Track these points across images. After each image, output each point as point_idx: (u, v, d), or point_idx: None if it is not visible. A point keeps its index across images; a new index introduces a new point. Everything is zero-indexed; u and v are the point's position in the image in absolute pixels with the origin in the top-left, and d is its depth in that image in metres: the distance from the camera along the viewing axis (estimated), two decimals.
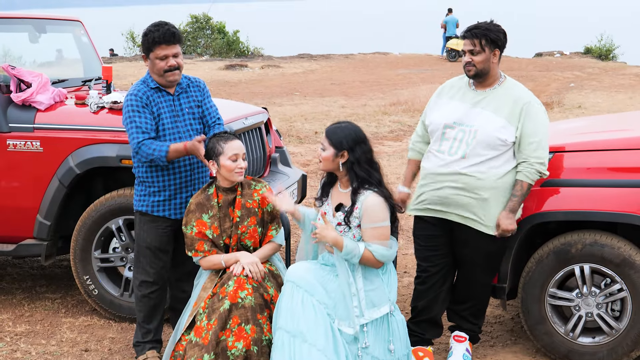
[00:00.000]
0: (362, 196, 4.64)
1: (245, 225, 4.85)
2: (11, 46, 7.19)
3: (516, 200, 4.84)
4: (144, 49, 5.06)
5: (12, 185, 6.03)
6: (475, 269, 5.06)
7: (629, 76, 27.28)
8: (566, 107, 18.62)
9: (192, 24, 39.50)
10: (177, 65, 5.01)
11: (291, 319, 4.43)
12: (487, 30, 4.92)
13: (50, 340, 5.68)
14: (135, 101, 4.96)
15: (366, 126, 15.86)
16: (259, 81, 26.75)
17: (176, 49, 5.02)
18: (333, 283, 4.58)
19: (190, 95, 5.18)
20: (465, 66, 4.97)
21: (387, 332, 4.68)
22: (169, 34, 4.96)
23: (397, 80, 26.57)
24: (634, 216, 4.79)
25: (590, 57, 36.71)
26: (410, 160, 5.36)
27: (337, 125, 4.79)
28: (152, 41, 4.96)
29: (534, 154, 4.81)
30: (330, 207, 4.78)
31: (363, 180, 4.66)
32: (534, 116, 4.86)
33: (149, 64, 5.06)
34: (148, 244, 5.09)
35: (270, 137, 7.17)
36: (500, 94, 4.95)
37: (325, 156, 4.70)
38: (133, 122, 4.91)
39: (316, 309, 4.46)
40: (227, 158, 4.75)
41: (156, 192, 5.04)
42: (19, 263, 7.53)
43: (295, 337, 4.40)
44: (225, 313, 4.54)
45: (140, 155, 4.88)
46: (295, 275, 4.56)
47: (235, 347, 4.50)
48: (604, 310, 4.97)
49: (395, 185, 5.32)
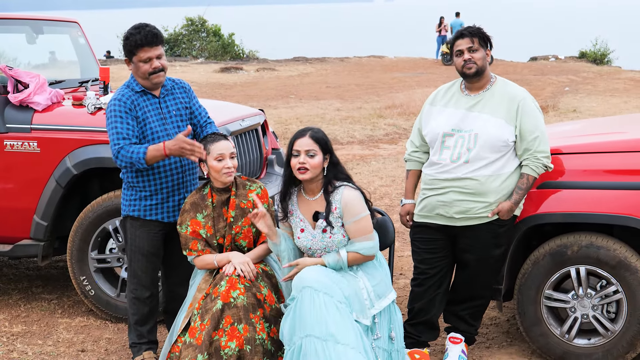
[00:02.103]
0: (336, 194, 4.61)
1: (239, 225, 4.85)
2: (8, 47, 7.19)
3: (521, 194, 4.87)
4: (126, 52, 4.97)
5: (9, 185, 6.03)
6: (478, 272, 5.07)
7: (624, 80, 27.33)
8: (561, 111, 18.65)
9: (188, 26, 39.46)
10: (161, 67, 4.93)
11: (318, 323, 4.34)
12: (479, 30, 5.01)
13: (46, 341, 5.68)
14: (119, 106, 4.87)
15: (361, 129, 15.86)
16: (254, 84, 26.74)
17: (159, 51, 4.94)
18: (343, 283, 4.56)
19: (176, 96, 5.13)
20: (464, 65, 4.95)
21: (389, 321, 4.70)
22: (150, 35, 4.88)
23: (393, 83, 26.58)
24: (630, 218, 4.80)
25: (585, 61, 36.74)
26: (410, 171, 5.32)
27: (310, 129, 4.70)
28: (135, 44, 4.88)
29: (539, 148, 4.84)
30: (306, 221, 4.71)
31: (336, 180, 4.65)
32: (530, 112, 4.89)
33: (133, 68, 4.98)
34: (140, 248, 5.07)
35: (267, 138, 7.18)
36: (494, 95, 4.97)
37: (316, 163, 4.59)
38: (114, 129, 4.81)
39: (339, 309, 4.40)
40: (213, 159, 4.76)
41: (148, 196, 5.01)
42: (15, 264, 7.52)
43: (326, 341, 4.31)
44: (217, 313, 4.54)
45: (120, 160, 4.79)
46: (311, 280, 4.45)
47: (228, 346, 4.50)
48: (599, 312, 4.98)
49: (391, 187, 5.32)
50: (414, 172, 5.31)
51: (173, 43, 38.83)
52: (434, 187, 4.99)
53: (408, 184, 5.33)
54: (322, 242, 4.66)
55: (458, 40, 5.00)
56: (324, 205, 4.65)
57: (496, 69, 29.50)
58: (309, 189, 4.71)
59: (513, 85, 5.06)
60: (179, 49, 38.40)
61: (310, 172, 4.58)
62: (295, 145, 4.62)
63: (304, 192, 4.74)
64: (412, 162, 5.30)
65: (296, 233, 4.74)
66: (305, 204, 4.73)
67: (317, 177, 4.65)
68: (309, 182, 4.67)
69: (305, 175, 4.59)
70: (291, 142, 4.66)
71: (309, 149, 4.59)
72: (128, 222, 5.10)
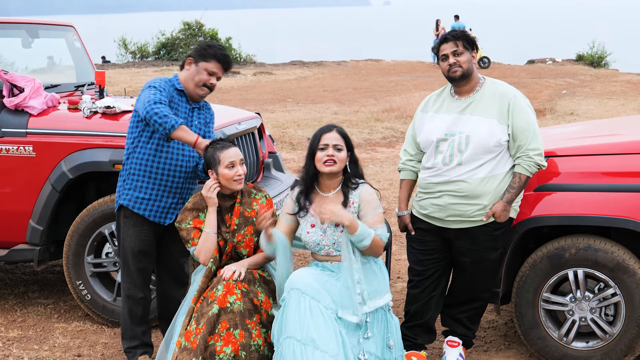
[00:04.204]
0: (356, 190, 4.70)
1: (242, 234, 4.83)
2: (4, 51, 7.17)
3: (513, 192, 4.85)
4: (198, 55, 5.05)
5: (5, 190, 6.02)
6: (475, 275, 5.05)
7: (621, 83, 27.37)
8: (558, 113, 18.66)
9: (185, 30, 39.43)
10: (212, 87, 5.08)
11: (300, 327, 4.36)
12: (463, 33, 5.02)
13: (42, 346, 5.65)
14: (160, 86, 4.94)
15: (359, 132, 15.87)
16: (251, 88, 26.75)
17: (221, 74, 5.11)
18: (335, 287, 4.56)
19: (202, 113, 5.22)
20: (450, 69, 4.94)
21: (386, 329, 4.67)
22: (228, 60, 5.11)
23: (390, 87, 26.58)
24: (628, 220, 4.79)
25: (582, 64, 36.81)
26: (404, 180, 5.30)
27: (335, 126, 4.80)
28: (213, 55, 5.03)
29: (531, 146, 4.82)
30: (317, 216, 4.70)
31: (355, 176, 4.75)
32: (521, 109, 4.88)
33: (192, 70, 5.05)
34: (131, 248, 5.06)
35: (264, 142, 7.17)
36: (484, 96, 4.96)
37: (343, 157, 4.70)
38: (153, 95, 4.79)
39: (324, 315, 4.41)
40: (224, 167, 4.74)
41: (142, 187, 4.99)
42: (11, 268, 7.50)
43: (306, 345, 4.32)
44: (213, 317, 4.52)
45: (154, 112, 4.68)
46: (299, 282, 4.49)
47: (223, 351, 4.48)
48: (597, 315, 4.97)
49: (389, 191, 5.30)
50: (407, 181, 5.29)
51: (170, 47, 38.82)
52: (429, 190, 4.99)
53: (402, 194, 5.30)
54: (332, 237, 4.68)
55: (442, 45, 5.00)
56: (339, 201, 4.69)
57: (493, 72, 29.54)
58: (326, 185, 4.77)
59: (503, 84, 5.05)
60: (176, 53, 38.35)
61: (337, 165, 4.67)
62: (323, 139, 4.70)
63: (319, 188, 4.79)
64: (406, 172, 5.28)
65: (305, 228, 4.75)
66: (319, 200, 4.76)
67: (338, 173, 4.73)
68: (329, 178, 4.73)
69: (333, 167, 4.67)
70: (317, 136, 4.74)
71: (336, 142, 4.69)
72: (121, 220, 5.09)
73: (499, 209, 4.84)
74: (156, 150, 4.97)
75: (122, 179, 5.09)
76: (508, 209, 4.87)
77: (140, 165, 4.99)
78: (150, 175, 4.99)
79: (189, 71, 5.07)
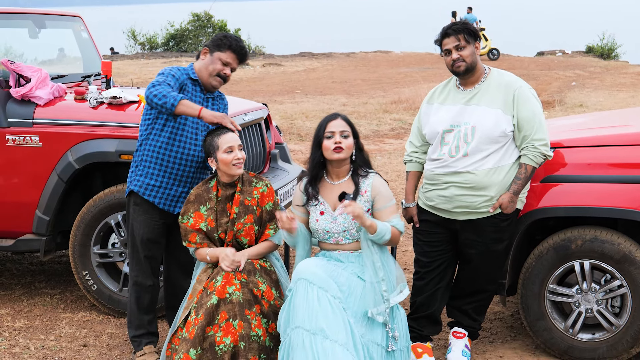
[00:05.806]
0: (368, 179, 4.72)
1: (242, 222, 4.83)
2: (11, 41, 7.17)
3: (520, 183, 4.83)
4: (214, 45, 5.08)
5: (11, 180, 6.02)
6: (481, 266, 5.04)
7: (631, 75, 27.27)
8: (568, 105, 18.59)
9: (194, 22, 39.48)
10: (227, 77, 5.10)
11: (309, 316, 4.35)
12: (464, 25, 4.97)
13: (48, 336, 5.67)
14: (174, 73, 4.97)
15: (367, 124, 15.86)
16: (260, 79, 26.75)
17: (236, 65, 5.13)
18: (342, 276, 4.57)
19: (215, 104, 5.22)
20: (453, 64, 4.92)
21: (392, 320, 4.66)
22: (244, 52, 5.13)
23: (399, 78, 26.55)
24: (635, 212, 4.77)
25: (592, 56, 36.70)
26: (411, 172, 5.28)
27: (339, 114, 4.81)
28: (229, 45, 5.04)
29: (536, 136, 4.80)
30: (326, 204, 4.74)
31: (364, 165, 4.77)
32: (526, 99, 4.85)
33: (207, 59, 5.07)
34: (141, 235, 5.07)
35: (270, 133, 7.16)
36: (490, 86, 4.94)
37: (350, 144, 4.70)
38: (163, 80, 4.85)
39: (332, 304, 4.40)
40: (223, 152, 4.75)
41: (153, 174, 5.00)
42: (18, 258, 7.52)
43: (315, 334, 4.31)
44: (212, 308, 4.53)
45: (154, 95, 4.73)
46: (307, 272, 4.48)
47: (223, 342, 4.49)
48: (603, 307, 4.96)
49: (396, 182, 5.29)
50: (413, 173, 5.27)
51: (179, 38, 38.84)
52: (435, 182, 4.97)
53: (408, 186, 5.28)
54: (343, 224, 4.69)
55: (445, 40, 4.96)
56: (350, 188, 4.71)
57: (503, 64, 29.48)
58: (335, 173, 4.78)
59: (508, 74, 5.02)
60: (185, 45, 38.41)
61: (345, 151, 4.68)
62: (329, 127, 4.72)
63: (327, 176, 4.81)
64: (412, 163, 5.26)
65: (315, 216, 4.76)
66: (327, 188, 4.78)
67: (346, 161, 4.74)
68: (338, 165, 4.74)
69: (341, 154, 4.68)
70: (323, 124, 4.75)
71: (343, 129, 4.71)
72: (131, 207, 5.10)
73: (505, 200, 4.82)
74: (169, 139, 4.98)
75: (134, 165, 5.10)
76: (515, 200, 4.85)
77: (152, 152, 5.00)
78: (162, 163, 5.00)
79: (204, 61, 5.09)
